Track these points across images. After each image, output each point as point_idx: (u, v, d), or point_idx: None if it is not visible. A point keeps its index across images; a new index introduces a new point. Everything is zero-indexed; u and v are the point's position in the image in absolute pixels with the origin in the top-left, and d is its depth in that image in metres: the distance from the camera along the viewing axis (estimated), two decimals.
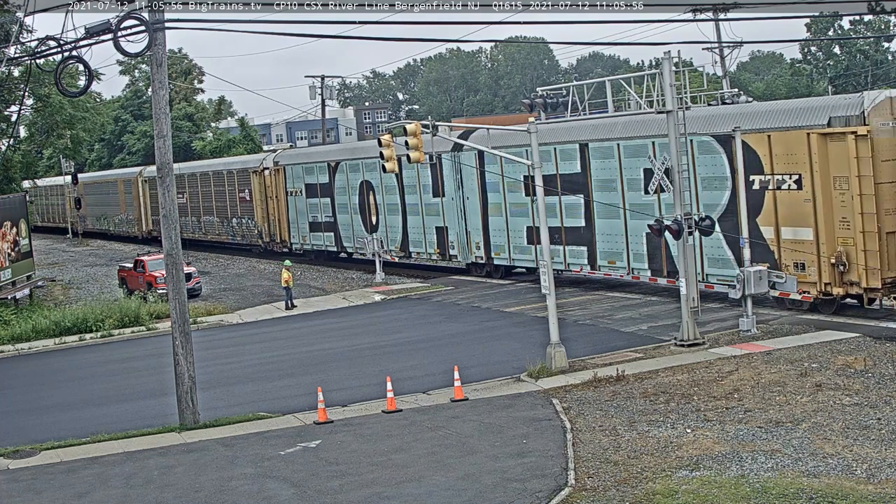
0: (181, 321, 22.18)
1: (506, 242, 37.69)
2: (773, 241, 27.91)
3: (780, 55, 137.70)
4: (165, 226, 22.51)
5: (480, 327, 31.07)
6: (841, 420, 18.10)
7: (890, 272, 26.02)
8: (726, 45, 51.33)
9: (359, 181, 45.61)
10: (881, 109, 25.98)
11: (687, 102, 26.78)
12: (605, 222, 33.38)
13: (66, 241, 79.09)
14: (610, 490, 15.67)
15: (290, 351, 30.30)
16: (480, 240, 38.91)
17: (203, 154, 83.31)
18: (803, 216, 27.18)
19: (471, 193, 39.22)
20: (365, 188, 45.28)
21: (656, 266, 31.68)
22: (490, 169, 37.72)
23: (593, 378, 22.70)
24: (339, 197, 46.98)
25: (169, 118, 22.32)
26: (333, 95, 73.52)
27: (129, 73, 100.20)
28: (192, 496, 17.25)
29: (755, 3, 50.13)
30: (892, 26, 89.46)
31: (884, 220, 25.84)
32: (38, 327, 35.74)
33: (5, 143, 50.73)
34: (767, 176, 27.88)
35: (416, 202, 42.38)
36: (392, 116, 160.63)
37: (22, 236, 43.07)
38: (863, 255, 26.02)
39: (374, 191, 44.63)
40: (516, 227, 37.14)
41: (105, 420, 23.39)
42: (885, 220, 25.87)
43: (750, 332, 25.83)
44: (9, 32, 32.80)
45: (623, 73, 35.80)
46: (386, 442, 19.39)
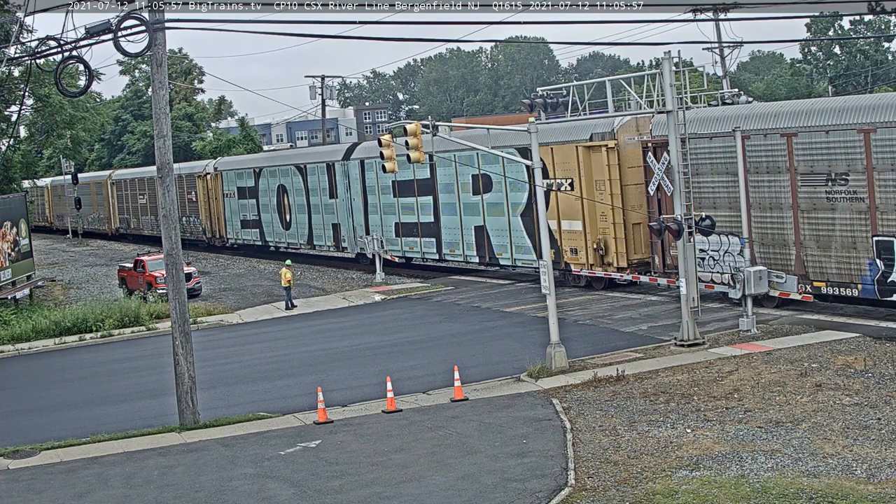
0: (181, 321, 22.18)
1: (389, 236, 44.58)
2: (556, 231, 34.45)
3: (780, 55, 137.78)
4: (165, 226, 22.51)
5: (480, 327, 31.07)
6: (841, 420, 18.10)
7: (635, 255, 33.11)
8: (726, 45, 51.36)
9: (276, 185, 52.80)
10: (628, 128, 32.85)
11: (687, 102, 26.81)
12: (448, 218, 40.78)
13: (66, 241, 79.14)
14: (610, 490, 15.67)
15: (290, 351, 30.31)
16: (363, 234, 45.86)
17: (203, 154, 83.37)
18: (575, 211, 34.34)
19: (356, 196, 46.42)
20: (281, 191, 52.42)
21: (482, 254, 39.38)
22: (369, 175, 45.22)
23: (593, 378, 22.70)
24: (263, 198, 54.16)
25: (169, 118, 22.32)
26: (333, 95, 73.57)
27: (129, 73, 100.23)
28: (192, 496, 17.25)
29: (755, 3, 50.15)
30: (892, 26, 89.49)
31: (629, 214, 32.60)
32: (38, 327, 35.75)
33: (5, 143, 50.74)
34: (551, 180, 34.27)
35: (317, 203, 49.48)
36: (392, 116, 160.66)
37: (22, 236, 43.09)
38: (615, 242, 33.21)
39: (287, 193, 51.72)
40: (387, 223, 44.36)
41: (105, 420, 23.40)
42: (631, 215, 32.62)
43: (750, 332, 25.84)
44: (9, 32, 32.83)
45: (623, 73, 36.30)
46: (386, 442, 19.39)
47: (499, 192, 37.65)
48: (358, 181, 45.96)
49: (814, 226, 27.05)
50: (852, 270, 26.12)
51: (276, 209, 52.67)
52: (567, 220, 34.78)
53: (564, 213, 34.65)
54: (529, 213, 35.70)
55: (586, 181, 33.54)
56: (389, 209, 44.12)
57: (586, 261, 34.02)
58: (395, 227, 43.74)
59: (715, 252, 29.68)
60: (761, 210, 28.07)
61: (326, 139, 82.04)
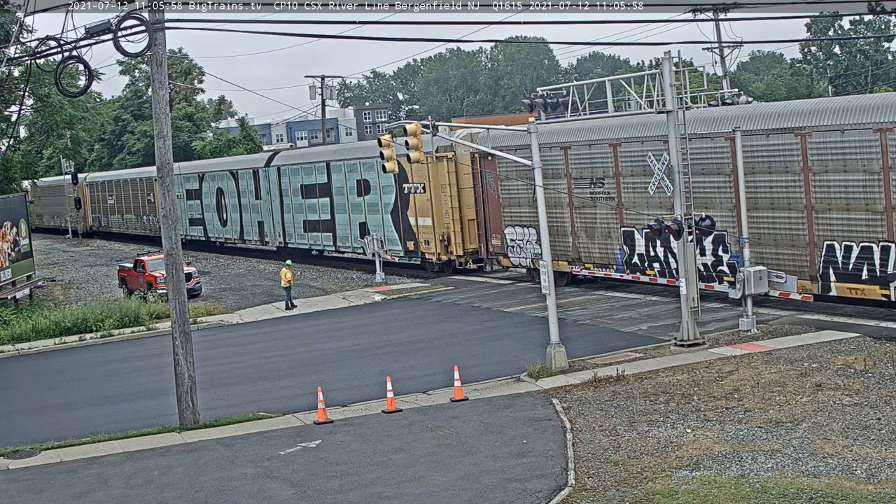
0: (181, 321, 22.18)
1: (294, 231, 52.62)
2: (415, 226, 42.73)
3: (780, 55, 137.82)
4: (165, 226, 22.53)
5: (480, 327, 31.07)
6: (841, 420, 18.10)
7: (470, 245, 41.37)
8: (726, 45, 51.34)
9: (215, 188, 60.05)
10: (475, 139, 39.07)
11: (687, 102, 26.82)
12: (341, 216, 48.31)
13: (66, 241, 79.20)
14: (610, 490, 15.67)
15: (290, 351, 30.31)
16: (281, 230, 53.69)
17: (203, 154, 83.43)
18: (427, 210, 41.80)
19: (275, 197, 53.82)
20: (219, 193, 59.67)
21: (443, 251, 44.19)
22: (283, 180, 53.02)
23: (593, 378, 22.70)
24: (205, 199, 61.57)
25: (169, 118, 22.32)
26: (333, 95, 73.60)
27: (129, 73, 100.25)
28: (192, 496, 17.26)
29: (755, 3, 50.15)
30: (892, 26, 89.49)
31: (465, 211, 41.02)
32: (38, 327, 35.74)
33: (5, 143, 50.76)
34: (411, 184, 42.45)
35: (246, 203, 56.93)
36: (392, 116, 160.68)
37: (22, 236, 43.09)
38: (454, 234, 41.38)
39: (224, 195, 58.85)
40: (297, 220, 51.97)
41: (105, 420, 23.40)
42: (465, 212, 41.02)
43: (750, 332, 25.83)
44: (9, 32, 32.82)
45: (623, 73, 36.58)
46: (386, 442, 19.39)
47: (375, 195, 45.50)
48: (276, 185, 53.48)
49: (583, 220, 34.46)
50: (609, 254, 33.58)
51: (216, 209, 60.17)
52: (422, 217, 42.22)
53: (420, 211, 42.40)
54: (395, 212, 44.16)
55: (434, 185, 41.31)
56: (299, 209, 51.71)
57: (435, 250, 42.09)
58: (303, 223, 51.57)
59: (520, 241, 37.27)
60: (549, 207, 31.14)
61: (326, 139, 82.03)
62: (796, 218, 27.25)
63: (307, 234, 51.15)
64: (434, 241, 41.56)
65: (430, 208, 41.40)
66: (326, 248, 50.58)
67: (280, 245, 54.00)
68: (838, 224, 26.24)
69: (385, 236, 44.09)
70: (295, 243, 52.26)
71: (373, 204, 45.65)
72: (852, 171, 25.66)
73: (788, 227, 27.48)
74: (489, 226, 39.19)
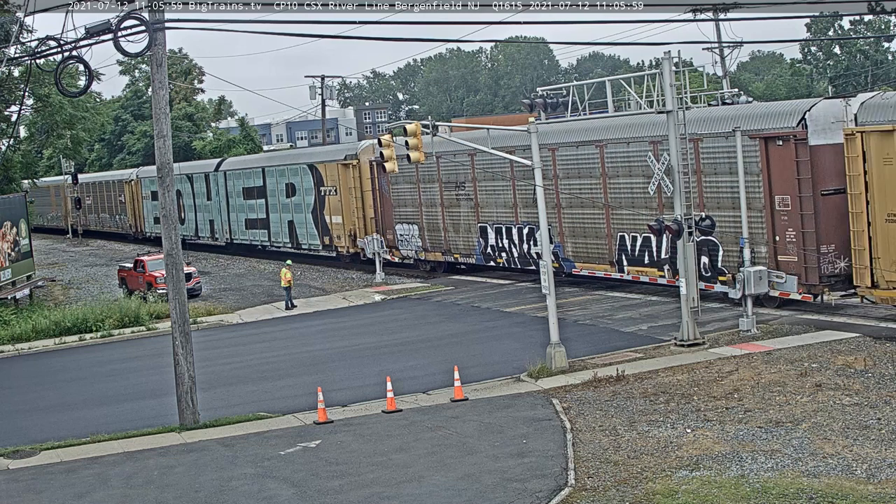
0: (181, 321, 22.18)
1: (238, 228, 58.91)
2: (330, 223, 48.89)
3: (780, 55, 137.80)
4: (165, 226, 22.54)
5: (480, 327, 31.08)
6: (841, 420, 18.10)
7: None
8: (726, 45, 51.33)
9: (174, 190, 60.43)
10: (367, 151, 46.15)
11: (687, 102, 26.83)
12: (274, 215, 54.35)
13: (66, 241, 79.22)
14: (610, 490, 15.67)
15: (290, 351, 30.31)
16: (227, 227, 59.76)
17: (203, 154, 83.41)
18: (339, 209, 47.85)
19: (222, 199, 60.01)
20: (178, 194, 62.49)
21: (293, 241, 52.61)
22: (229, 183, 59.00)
23: (593, 378, 22.70)
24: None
25: (169, 118, 22.32)
26: (333, 95, 73.62)
27: (129, 73, 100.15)
28: (192, 496, 17.25)
29: (755, 3, 50.14)
30: (892, 26, 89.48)
31: (367, 211, 46.58)
32: (38, 327, 35.73)
33: (5, 143, 50.74)
34: (326, 187, 48.88)
35: (200, 203, 63.40)
36: (392, 116, 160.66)
37: (22, 236, 43.08)
38: (359, 230, 46.84)
39: (181, 196, 63.31)
40: (240, 219, 58.30)
41: (105, 420, 23.39)
42: (367, 211, 46.53)
43: (750, 332, 25.83)
44: (9, 32, 32.78)
45: (623, 73, 36.79)
46: (386, 442, 19.39)
47: (300, 196, 51.41)
48: (223, 188, 59.62)
49: (451, 217, 41.27)
50: (470, 246, 40.39)
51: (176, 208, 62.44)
52: (335, 216, 48.41)
53: (333, 210, 48.48)
54: (315, 211, 50.07)
55: (343, 189, 47.44)
56: (241, 209, 57.99)
57: (345, 244, 47.84)
58: (245, 221, 57.84)
59: (407, 235, 43.86)
60: (427, 206, 42.52)
61: (326, 139, 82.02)
62: (599, 214, 33.86)
63: (248, 230, 57.49)
64: (344, 236, 47.71)
65: (340, 208, 47.79)
66: (263, 243, 56.58)
67: (227, 241, 60.45)
68: (627, 219, 32.63)
69: (307, 232, 50.77)
70: (239, 239, 58.73)
71: (298, 204, 51.71)
72: (635, 176, 31.99)
73: (594, 222, 34.18)
74: (384, 223, 45.34)
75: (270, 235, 55.19)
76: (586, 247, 34.41)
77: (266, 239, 55.87)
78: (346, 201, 47.09)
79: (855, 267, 25.80)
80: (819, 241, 27.06)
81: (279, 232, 54.13)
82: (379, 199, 45.31)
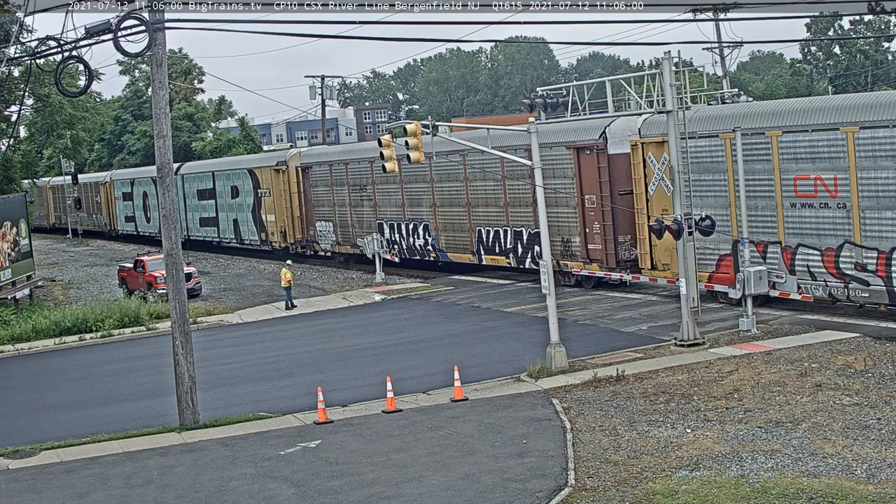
0: (181, 321, 22.17)
1: (194, 226, 64.31)
2: (266, 221, 54.52)
3: (780, 55, 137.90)
4: (165, 226, 22.52)
5: (480, 327, 31.07)
6: (841, 420, 18.10)
7: (298, 235, 52.54)
8: (726, 45, 51.30)
9: (142, 191, 71.62)
10: (295, 158, 52.78)
11: (687, 102, 26.83)
12: (222, 214, 60.03)
13: (66, 241, 79.24)
14: (610, 490, 15.67)
15: (290, 351, 30.31)
16: (186, 225, 64.39)
17: (203, 154, 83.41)
18: (272, 209, 53.81)
19: (181, 199, 64.15)
20: (145, 195, 70.97)
21: (237, 237, 58.82)
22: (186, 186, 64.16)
23: (593, 378, 22.70)
24: (136, 201, 72.89)
25: (169, 118, 22.31)
26: (333, 95, 73.62)
27: (129, 73, 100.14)
28: (192, 496, 17.26)
29: (755, 3, 50.12)
30: (892, 26, 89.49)
31: (295, 210, 52.18)
32: (38, 327, 35.72)
33: (5, 143, 50.75)
34: (262, 189, 54.77)
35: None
36: (392, 116, 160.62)
37: (22, 236, 43.08)
38: (288, 227, 52.81)
39: (148, 197, 69.78)
40: (195, 218, 63.92)
41: (105, 420, 23.39)
42: (295, 210, 52.23)
43: (750, 332, 25.83)
44: (9, 32, 32.79)
45: (623, 73, 36.95)
46: (386, 442, 19.39)
47: (242, 198, 57.26)
48: (181, 189, 64.14)
49: (358, 215, 47.56)
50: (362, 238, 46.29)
51: (143, 208, 72.02)
52: (269, 215, 54.41)
53: (268, 210, 54.48)
54: (254, 211, 56.34)
55: (275, 191, 53.45)
56: (196, 209, 63.78)
57: (277, 239, 53.85)
58: (199, 220, 63.53)
59: (324, 231, 50.33)
60: (339, 206, 48.92)
61: (326, 139, 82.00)
62: (463, 212, 40.57)
63: (202, 228, 63.58)
64: (276, 232, 53.98)
65: (273, 208, 53.95)
66: (213, 239, 62.47)
67: (185, 237, 64.07)
68: (483, 216, 39.59)
69: (248, 229, 56.97)
70: (195, 236, 64.27)
71: (241, 205, 57.61)
72: (489, 180, 38.96)
73: (460, 219, 40.82)
74: (307, 220, 51.84)
75: (220, 232, 61.16)
76: (455, 239, 41.50)
77: (216, 235, 61.82)
78: (277, 202, 53.44)
79: (640, 253, 32.58)
80: (616, 233, 33.59)
81: (227, 229, 60.10)
82: (303, 200, 51.74)
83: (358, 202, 47.31)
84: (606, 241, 33.68)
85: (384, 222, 45.52)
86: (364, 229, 46.60)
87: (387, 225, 45.39)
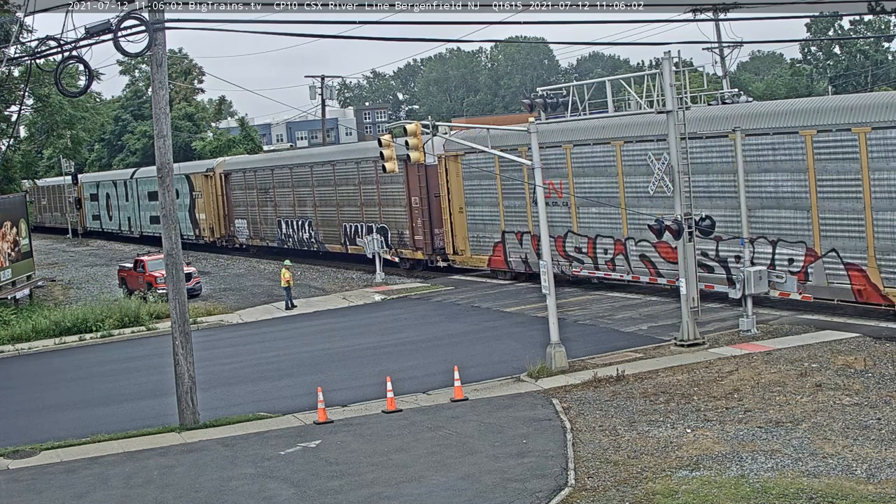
0: (181, 321, 22.17)
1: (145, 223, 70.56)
2: (198, 219, 62.91)
3: (780, 55, 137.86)
4: (165, 226, 22.52)
5: (480, 327, 31.07)
6: (841, 420, 18.10)
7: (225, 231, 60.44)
8: (726, 45, 51.32)
9: (105, 192, 79.47)
10: (221, 165, 61.02)
11: (687, 102, 26.82)
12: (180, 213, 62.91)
13: (66, 241, 79.26)
14: (610, 490, 15.67)
15: (290, 351, 30.31)
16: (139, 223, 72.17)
17: (203, 154, 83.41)
18: (203, 208, 61.70)
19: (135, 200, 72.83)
20: (107, 196, 79.19)
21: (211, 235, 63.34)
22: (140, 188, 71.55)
23: (593, 378, 22.70)
24: (101, 201, 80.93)
25: (169, 118, 22.31)
26: (333, 95, 73.68)
27: (129, 73, 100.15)
28: (192, 496, 17.26)
29: (755, 3, 50.10)
30: (892, 26, 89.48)
31: (220, 209, 60.41)
32: (38, 327, 35.72)
33: (5, 143, 50.75)
34: (196, 192, 62.21)
35: (123, 203, 76.15)
36: (392, 116, 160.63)
37: (22, 236, 43.08)
38: (215, 224, 60.77)
39: (110, 198, 77.90)
40: (147, 217, 69.93)
41: (105, 420, 23.39)
42: (220, 210, 60.36)
43: (750, 332, 25.83)
44: (9, 32, 32.78)
45: (623, 73, 36.85)
46: (386, 442, 19.39)
47: (181, 199, 62.67)
48: (135, 191, 72.47)
49: (263, 214, 56.34)
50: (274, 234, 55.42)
51: (107, 208, 79.66)
52: (201, 214, 62.50)
53: (200, 209, 62.38)
54: (190, 210, 63.63)
55: (206, 193, 61.41)
56: (146, 208, 70.30)
57: (208, 235, 62.16)
58: (150, 218, 69.22)
59: (241, 227, 58.62)
60: (250, 206, 57.72)
61: (326, 139, 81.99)
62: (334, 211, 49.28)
63: (151, 225, 69.49)
64: (207, 229, 62.13)
65: (204, 208, 62.00)
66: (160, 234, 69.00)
67: (140, 234, 73.45)
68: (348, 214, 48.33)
69: (186, 226, 63.37)
70: (146, 232, 71.06)
71: (181, 204, 63.30)
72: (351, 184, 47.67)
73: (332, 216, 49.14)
74: (229, 219, 60.27)
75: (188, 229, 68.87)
76: (330, 233, 50.31)
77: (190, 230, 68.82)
78: (207, 203, 61.74)
79: (447, 242, 42.35)
80: (433, 227, 43.08)
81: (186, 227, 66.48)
82: (226, 201, 60.52)
83: (263, 203, 56.32)
84: (426, 233, 43.12)
85: (282, 220, 54.52)
86: (269, 225, 55.89)
87: (284, 222, 54.46)
